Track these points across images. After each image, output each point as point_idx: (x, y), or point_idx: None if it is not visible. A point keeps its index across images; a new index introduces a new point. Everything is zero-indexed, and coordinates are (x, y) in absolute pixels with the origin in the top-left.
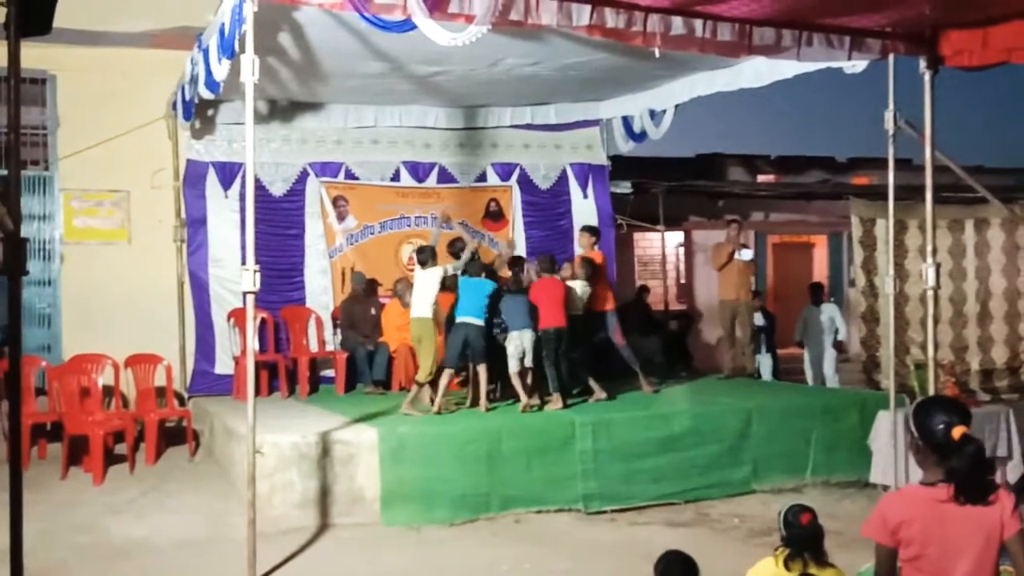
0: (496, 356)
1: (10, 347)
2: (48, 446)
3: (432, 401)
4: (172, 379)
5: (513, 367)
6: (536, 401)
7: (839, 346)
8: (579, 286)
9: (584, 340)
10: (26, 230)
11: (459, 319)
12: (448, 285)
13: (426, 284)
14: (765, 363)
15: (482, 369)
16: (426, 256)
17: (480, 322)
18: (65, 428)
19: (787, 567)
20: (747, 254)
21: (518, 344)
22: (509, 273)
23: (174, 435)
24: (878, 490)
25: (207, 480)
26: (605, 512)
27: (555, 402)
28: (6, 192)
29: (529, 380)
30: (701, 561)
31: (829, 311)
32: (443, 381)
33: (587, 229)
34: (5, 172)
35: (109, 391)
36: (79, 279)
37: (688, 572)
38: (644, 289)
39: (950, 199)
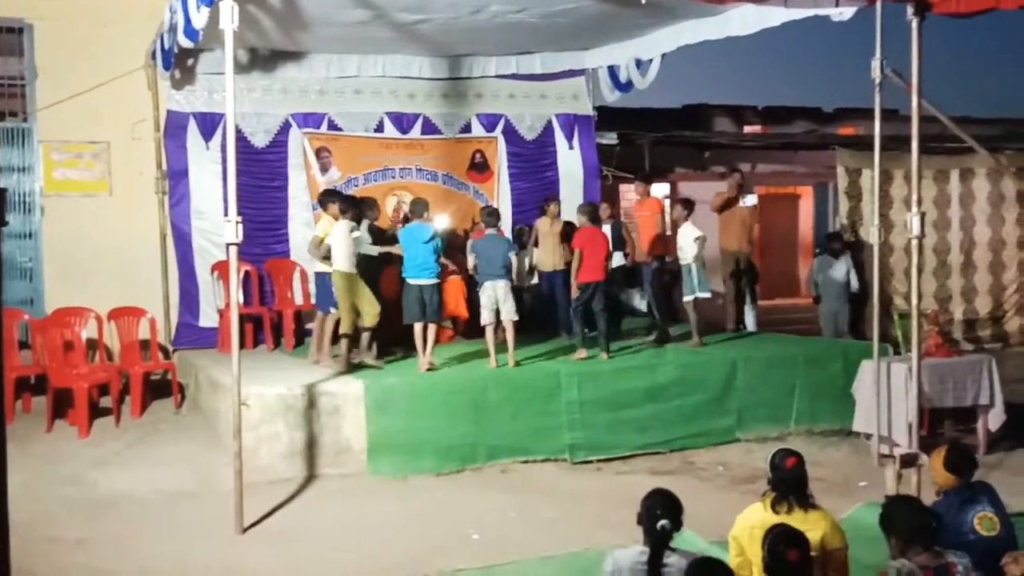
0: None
1: None
2: (32, 399)
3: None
4: (156, 332)
5: (486, 318)
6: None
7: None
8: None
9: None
10: (5, 182)
11: (408, 280)
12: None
13: (342, 238)
14: (750, 314)
15: (431, 328)
16: (420, 209)
17: (430, 280)
18: (49, 381)
19: (774, 510)
20: (750, 199)
21: (491, 294)
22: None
23: (159, 388)
24: (861, 438)
25: (193, 432)
26: (591, 462)
27: (579, 354)
28: None
29: (510, 336)
30: (686, 508)
31: (847, 262)
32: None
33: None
34: None
35: (93, 344)
36: (60, 232)
37: (672, 507)
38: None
39: (936, 149)
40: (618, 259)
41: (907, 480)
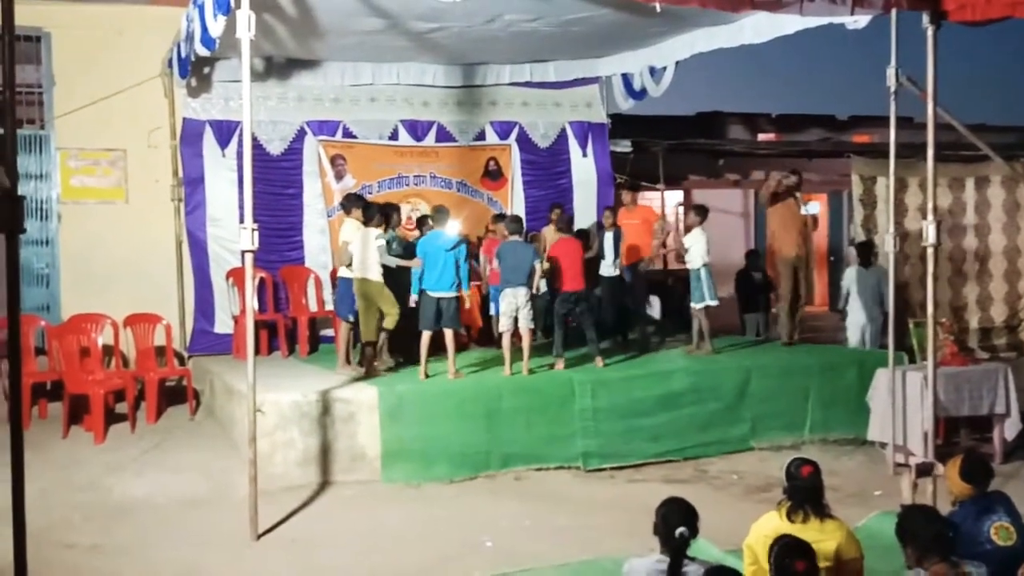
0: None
1: (9, 306)
2: (49, 405)
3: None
4: (172, 338)
5: (504, 325)
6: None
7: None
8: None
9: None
10: (23, 189)
11: (428, 292)
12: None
13: (368, 245)
14: (763, 322)
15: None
16: (444, 218)
17: (448, 294)
18: (65, 387)
19: (789, 519)
20: (812, 208)
21: (511, 302)
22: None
23: (174, 394)
24: (876, 447)
25: (208, 439)
26: (604, 470)
27: (558, 365)
28: (2, 150)
29: (526, 343)
30: (700, 516)
31: (877, 273)
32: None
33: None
34: (0, 131)
35: (109, 350)
36: (77, 238)
37: (688, 515)
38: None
39: (951, 157)
40: (607, 268)
41: (923, 489)
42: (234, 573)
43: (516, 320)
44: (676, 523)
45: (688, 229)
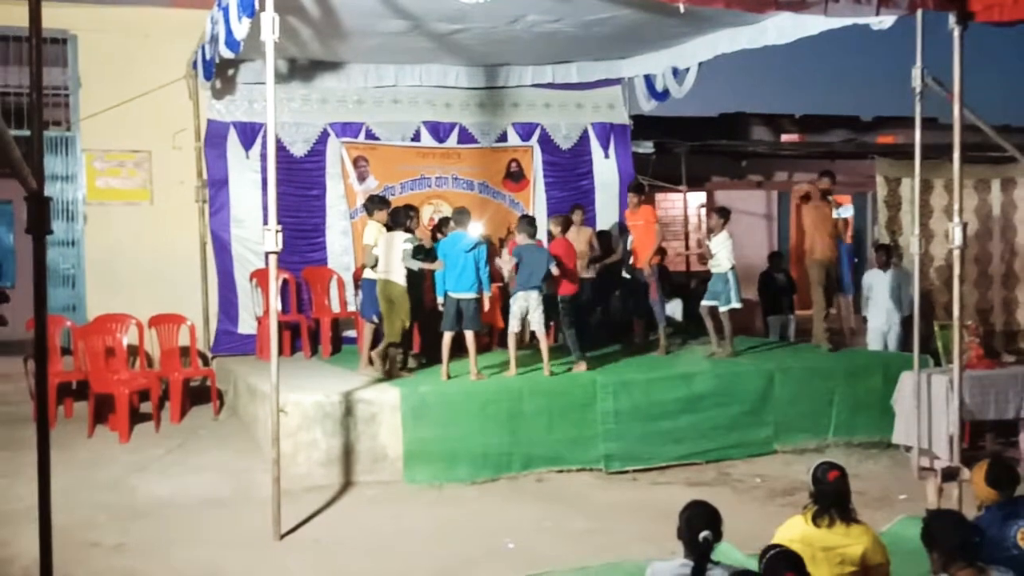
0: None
1: (36, 307)
2: (74, 405)
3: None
4: (196, 339)
5: (512, 327)
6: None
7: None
8: None
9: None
10: (49, 190)
11: (449, 293)
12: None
13: (394, 249)
14: (788, 324)
15: (470, 336)
16: (465, 219)
17: (468, 295)
18: (91, 387)
19: (815, 523)
20: (846, 211)
21: (523, 304)
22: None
23: (198, 394)
24: (900, 451)
25: (231, 439)
26: (626, 472)
27: (579, 366)
28: (29, 152)
29: (543, 347)
30: (723, 520)
31: (897, 276)
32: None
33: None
34: (27, 132)
35: (134, 351)
36: (102, 239)
37: (712, 519)
38: (659, 250)
39: (977, 158)
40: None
41: (948, 494)
42: (257, 573)
43: (524, 322)
44: (700, 527)
45: (711, 231)
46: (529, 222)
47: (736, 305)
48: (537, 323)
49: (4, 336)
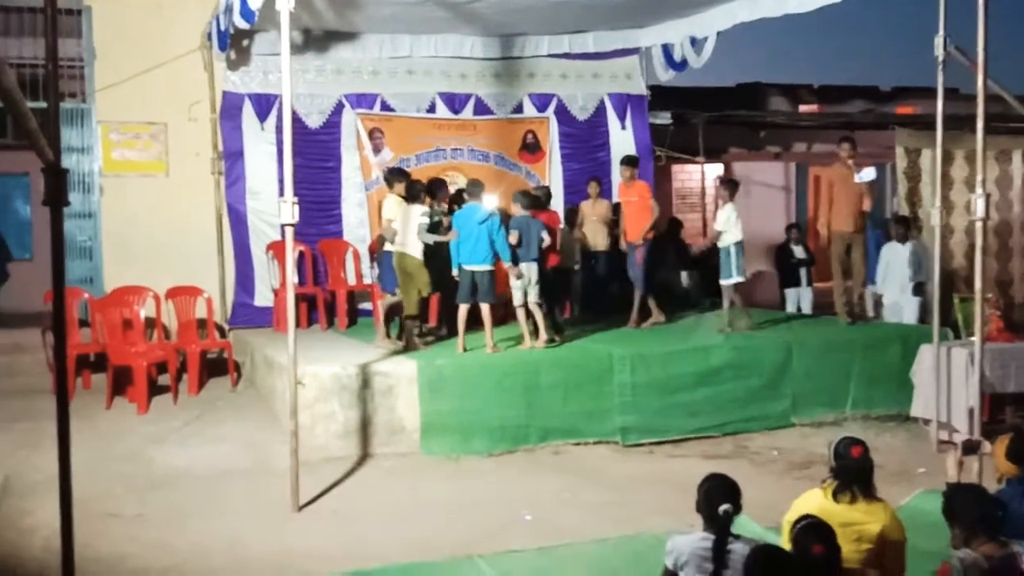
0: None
1: (54, 279)
2: (92, 377)
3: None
4: (213, 311)
5: (517, 299)
6: (539, 343)
7: (920, 289)
8: None
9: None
10: (65, 163)
11: (462, 265)
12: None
13: (411, 222)
14: (806, 297)
15: (486, 309)
16: (478, 191)
17: (482, 267)
18: (109, 359)
19: (835, 499)
20: (867, 174)
21: (525, 275)
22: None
23: (215, 366)
24: (919, 424)
25: (249, 410)
26: (643, 445)
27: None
28: (45, 123)
29: (539, 318)
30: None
31: (914, 249)
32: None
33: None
34: (44, 104)
35: (151, 323)
36: (118, 212)
37: (731, 491)
38: (675, 222)
39: (998, 129)
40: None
41: (968, 468)
42: (276, 544)
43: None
44: (720, 500)
45: (718, 204)
46: (524, 193)
47: (739, 279)
48: (533, 296)
49: (23, 308)
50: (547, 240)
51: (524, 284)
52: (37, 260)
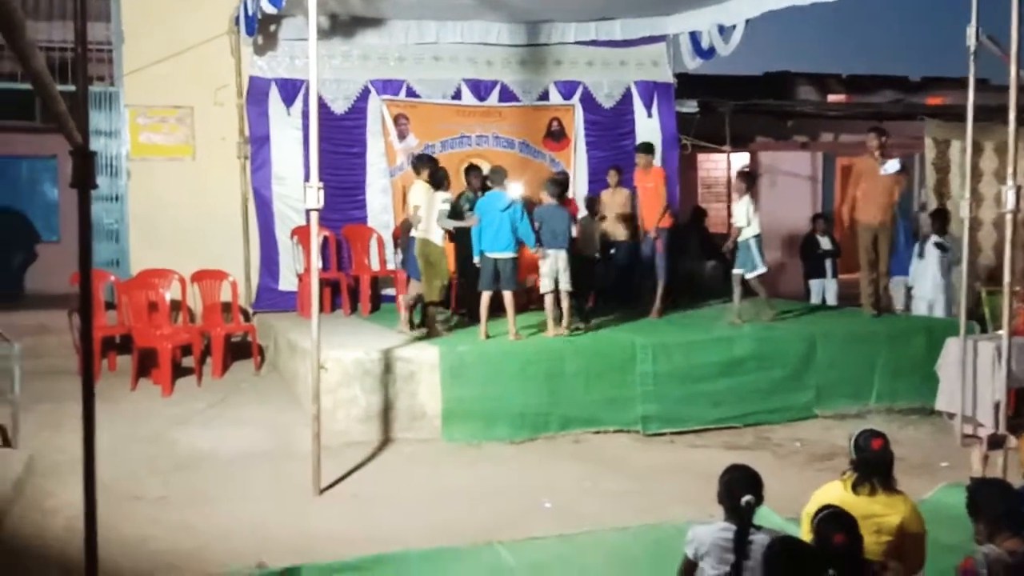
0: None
1: (80, 261)
2: (117, 358)
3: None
4: (237, 295)
5: (545, 286)
6: (563, 329)
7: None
8: None
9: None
10: (93, 146)
11: (485, 252)
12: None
13: (434, 209)
14: (831, 288)
15: (508, 296)
16: (500, 178)
17: (504, 254)
18: (134, 341)
19: (855, 491)
20: (892, 165)
21: (552, 265)
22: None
23: (239, 349)
24: (943, 417)
25: (272, 394)
26: (664, 434)
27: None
28: (74, 106)
29: (565, 305)
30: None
31: (949, 243)
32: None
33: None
34: (72, 88)
35: (176, 305)
36: (145, 195)
37: (752, 482)
38: (699, 211)
39: None
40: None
41: (993, 462)
42: (297, 527)
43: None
44: (741, 491)
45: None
46: (553, 181)
47: (761, 270)
48: (564, 284)
49: (49, 289)
50: (576, 231)
51: (552, 272)
52: (64, 242)
